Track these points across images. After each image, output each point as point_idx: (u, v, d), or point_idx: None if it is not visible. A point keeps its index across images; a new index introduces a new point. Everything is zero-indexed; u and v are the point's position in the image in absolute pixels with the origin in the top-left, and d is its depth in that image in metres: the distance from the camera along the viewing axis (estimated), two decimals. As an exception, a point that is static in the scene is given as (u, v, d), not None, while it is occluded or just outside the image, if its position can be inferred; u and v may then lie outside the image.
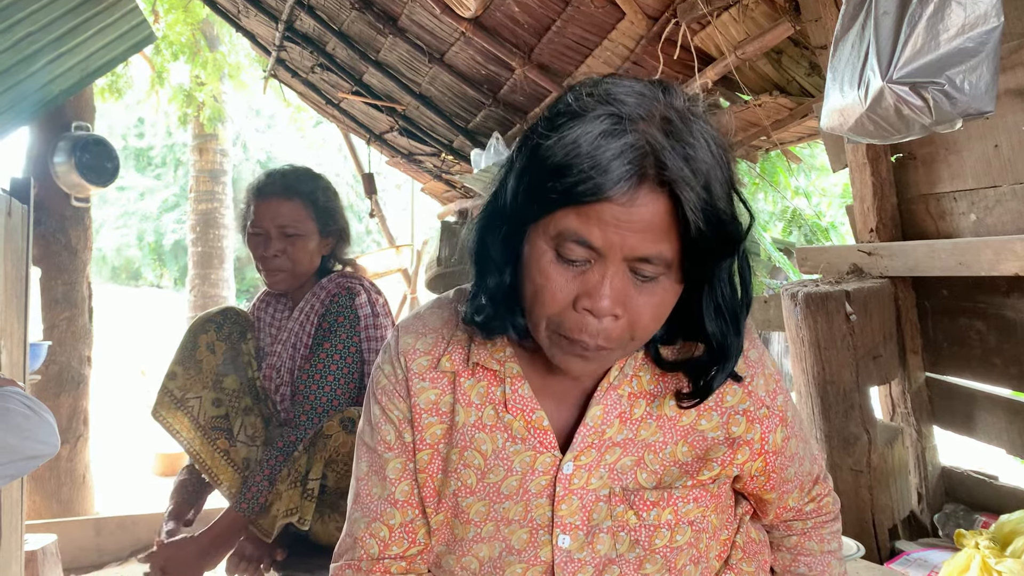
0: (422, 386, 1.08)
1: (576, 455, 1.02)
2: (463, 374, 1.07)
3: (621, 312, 0.90)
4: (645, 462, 1.03)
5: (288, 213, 2.14)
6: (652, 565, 1.03)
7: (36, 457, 1.65)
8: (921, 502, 2.53)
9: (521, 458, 1.04)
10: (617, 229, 0.86)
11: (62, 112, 4.90)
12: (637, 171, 0.85)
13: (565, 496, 1.02)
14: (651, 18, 3.30)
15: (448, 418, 1.07)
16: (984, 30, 1.70)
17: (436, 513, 1.08)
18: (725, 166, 0.90)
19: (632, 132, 0.86)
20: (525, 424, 1.04)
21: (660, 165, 0.85)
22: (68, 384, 5.03)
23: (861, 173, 2.57)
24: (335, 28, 5.13)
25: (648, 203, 0.85)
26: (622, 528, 1.02)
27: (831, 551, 1.23)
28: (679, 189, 0.85)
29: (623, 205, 0.85)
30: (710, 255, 0.90)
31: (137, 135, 21.29)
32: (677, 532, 1.03)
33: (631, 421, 1.04)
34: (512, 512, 1.03)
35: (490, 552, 1.04)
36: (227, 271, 11.15)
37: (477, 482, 1.05)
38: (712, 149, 0.88)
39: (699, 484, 1.04)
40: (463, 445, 1.05)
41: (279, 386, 2.20)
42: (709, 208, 0.86)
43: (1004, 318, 2.29)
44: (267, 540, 2.01)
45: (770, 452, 1.08)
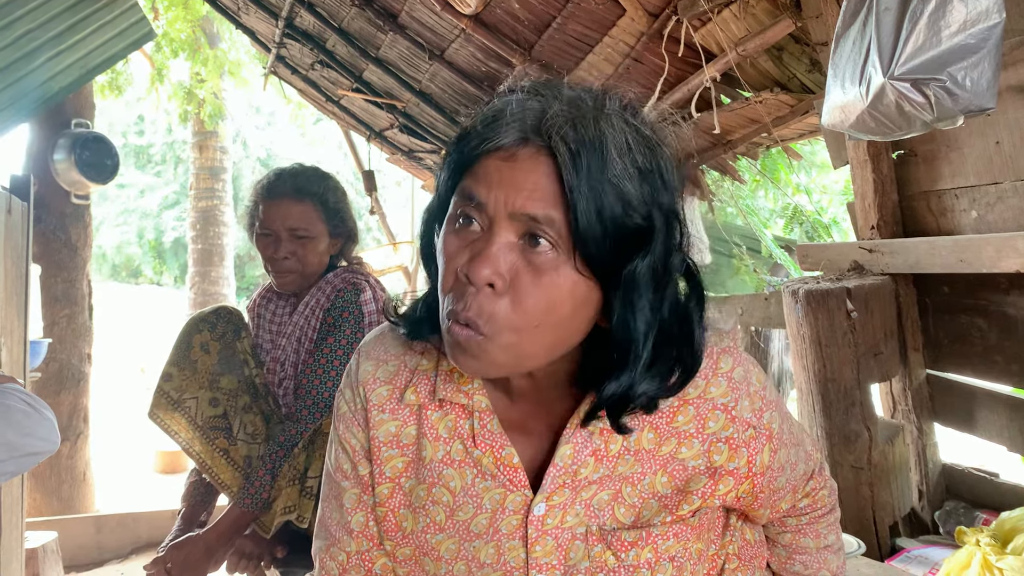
0: (381, 418, 1.03)
1: (548, 496, 0.97)
2: (429, 407, 1.02)
3: (501, 285, 0.84)
4: (623, 495, 0.97)
5: (299, 215, 2.14)
6: None
7: (36, 454, 1.64)
8: (922, 499, 2.53)
9: (491, 495, 0.99)
10: (500, 184, 0.85)
11: (62, 109, 4.91)
12: (521, 128, 0.85)
13: (539, 537, 0.97)
14: (652, 15, 3.29)
15: (411, 451, 1.02)
16: (985, 26, 1.70)
17: (400, 547, 1.03)
18: (642, 156, 0.85)
19: (538, 100, 0.87)
20: (494, 460, 0.99)
21: (548, 129, 0.84)
22: (68, 381, 5.03)
23: (862, 170, 2.56)
24: (335, 25, 5.13)
25: (531, 161, 0.84)
26: (600, 569, 0.96)
27: (828, 546, 1.21)
28: (559, 153, 0.82)
29: (506, 159, 0.85)
30: (605, 243, 0.83)
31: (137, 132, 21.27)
32: (658, 571, 0.97)
33: (607, 458, 0.97)
34: (483, 553, 0.98)
35: None
36: (227, 268, 11.15)
37: (446, 519, 1.00)
38: (628, 136, 0.85)
39: (679, 519, 0.98)
40: (431, 481, 1.01)
41: (282, 380, 2.20)
42: (592, 181, 0.82)
43: (1005, 315, 2.29)
44: (266, 537, 2.01)
45: (758, 474, 1.01)
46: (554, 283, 0.85)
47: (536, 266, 0.85)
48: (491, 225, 0.86)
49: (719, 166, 4.06)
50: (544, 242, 0.84)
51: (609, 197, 0.82)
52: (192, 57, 8.75)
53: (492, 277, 0.84)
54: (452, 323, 0.87)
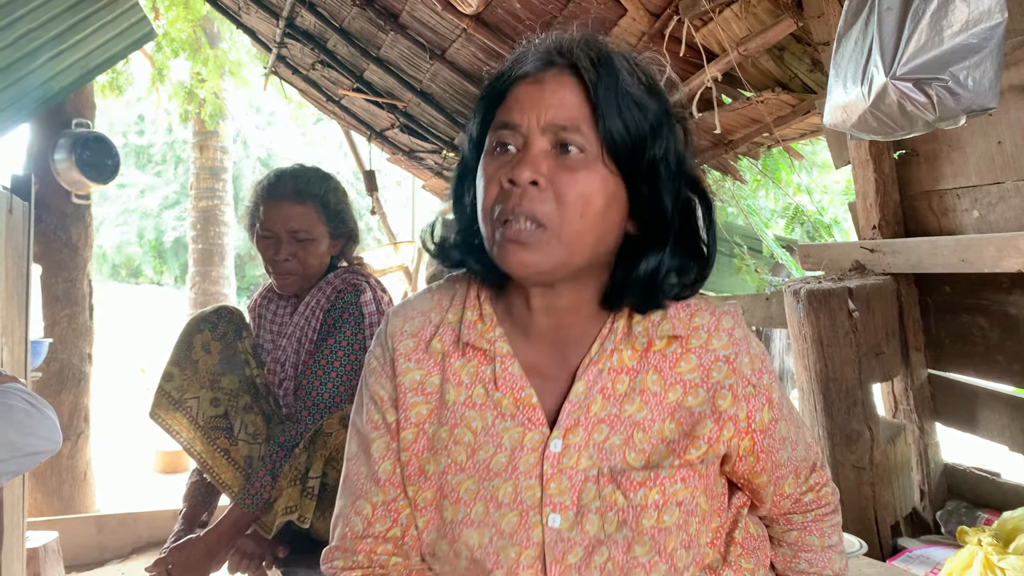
0: (407, 366, 1.11)
1: (564, 432, 1.03)
2: (453, 355, 1.10)
3: (543, 183, 0.97)
4: (634, 440, 1.03)
5: (299, 217, 2.13)
6: (641, 547, 1.02)
7: (38, 453, 1.64)
8: (923, 499, 2.53)
9: (510, 434, 1.05)
10: (531, 103, 0.99)
11: (62, 109, 4.90)
12: (545, 57, 1.02)
13: (554, 475, 1.03)
14: (653, 14, 3.29)
15: (435, 398, 1.09)
16: (988, 26, 1.70)
17: (422, 491, 1.08)
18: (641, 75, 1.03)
19: (553, 39, 1.04)
20: (514, 401, 1.06)
21: (564, 52, 1.02)
22: (69, 381, 5.03)
23: (864, 170, 2.56)
24: (336, 25, 5.12)
25: (556, 80, 1.00)
26: (610, 508, 1.02)
27: (831, 545, 1.22)
28: (580, 66, 0.99)
29: (534, 83, 1.01)
30: (627, 137, 0.98)
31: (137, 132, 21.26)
32: (665, 512, 1.02)
33: (614, 397, 1.05)
34: (501, 492, 1.03)
35: (480, 539, 1.03)
36: (227, 268, 11.15)
37: (467, 459, 1.06)
38: (627, 62, 1.02)
39: (686, 464, 1.04)
40: (453, 423, 1.07)
41: (283, 380, 2.19)
42: (611, 86, 0.98)
43: (1007, 315, 2.29)
44: (267, 537, 2.01)
45: (757, 431, 1.08)
46: (588, 178, 0.97)
47: (570, 167, 0.97)
48: (526, 140, 0.99)
49: (720, 166, 4.06)
50: (574, 148, 0.98)
51: (625, 101, 0.98)
52: (193, 57, 8.75)
53: (535, 175, 0.97)
54: (503, 227, 0.98)
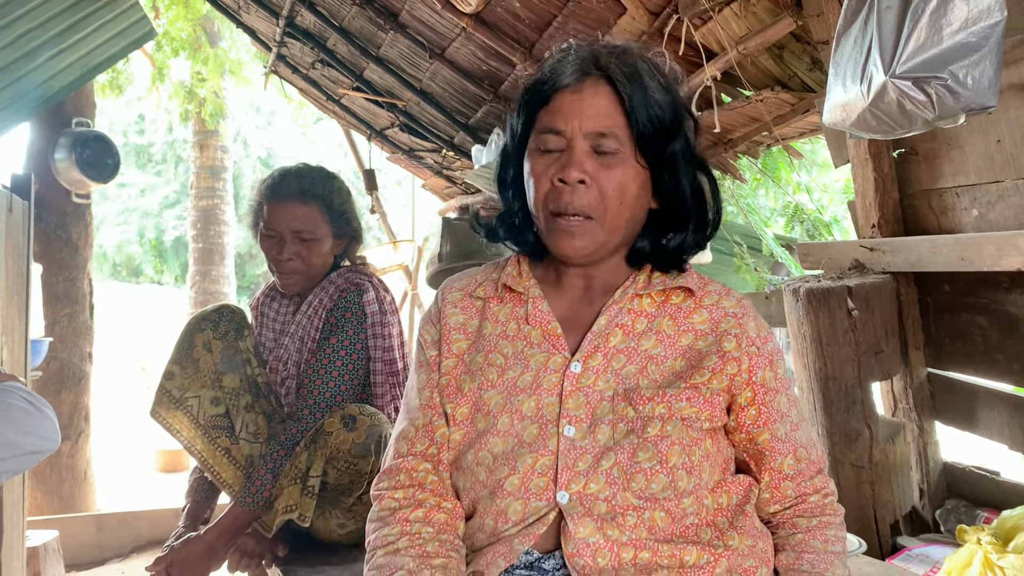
0: (453, 311, 1.31)
1: (584, 357, 1.19)
2: (493, 300, 1.30)
3: (589, 181, 1.16)
4: (648, 371, 1.19)
5: (303, 217, 2.14)
6: (644, 453, 1.13)
7: (37, 452, 1.64)
8: (923, 498, 2.53)
9: (536, 358, 1.22)
10: (573, 112, 1.17)
11: (63, 108, 4.90)
12: (581, 67, 1.19)
13: (572, 392, 1.17)
14: (652, 13, 3.29)
15: (474, 335, 1.28)
16: (987, 25, 1.70)
17: (459, 407, 1.23)
18: (660, 77, 1.21)
19: (587, 50, 1.22)
20: (542, 332, 1.24)
21: (601, 65, 1.19)
22: (69, 380, 5.03)
23: (863, 168, 2.56)
24: (336, 24, 5.12)
25: (593, 90, 1.18)
26: (621, 420, 1.15)
27: (835, 552, 1.23)
28: (615, 79, 1.17)
29: (575, 93, 1.18)
30: (654, 136, 1.17)
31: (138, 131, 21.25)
32: (668, 424, 1.14)
33: (633, 334, 1.22)
34: (525, 406, 1.18)
35: (504, 446, 1.17)
36: (228, 267, 11.15)
37: (498, 377, 1.22)
38: (648, 65, 1.20)
39: (692, 386, 1.17)
40: (488, 350, 1.25)
41: (285, 379, 2.20)
42: (641, 95, 1.16)
43: (1006, 313, 2.29)
44: (267, 535, 2.01)
45: (758, 385, 1.22)
46: (623, 173, 1.18)
47: (608, 165, 1.17)
48: (570, 144, 1.17)
49: (720, 165, 4.06)
50: (611, 149, 1.17)
51: (652, 105, 1.17)
52: (193, 56, 8.75)
53: (581, 175, 1.16)
54: (558, 218, 1.18)
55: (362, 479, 1.97)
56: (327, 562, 2.02)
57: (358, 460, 1.95)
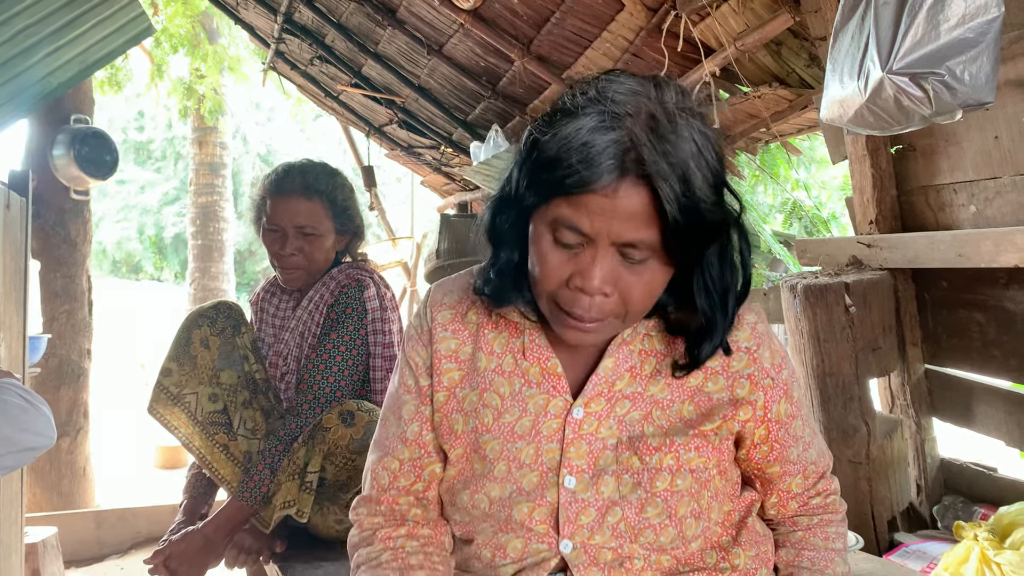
0: (444, 335, 1.18)
1: (587, 401, 1.10)
2: (487, 326, 1.17)
3: (611, 291, 0.99)
4: (653, 417, 1.10)
5: (307, 213, 2.14)
6: (653, 508, 1.08)
7: (32, 449, 1.65)
8: (920, 494, 2.53)
9: (535, 401, 1.12)
10: (603, 217, 0.95)
11: (61, 105, 4.90)
12: (619, 166, 0.93)
13: (574, 440, 1.09)
14: (650, 9, 3.29)
15: (467, 365, 1.17)
16: (984, 20, 1.70)
17: (453, 448, 1.16)
18: (710, 159, 0.97)
19: (618, 129, 0.94)
20: (541, 370, 1.13)
21: (640, 161, 0.93)
22: (68, 377, 5.04)
23: (861, 165, 2.56)
24: (334, 20, 5.12)
25: (630, 195, 0.94)
26: (626, 471, 1.08)
27: (836, 549, 1.23)
28: (656, 183, 0.92)
29: (608, 196, 0.94)
30: (692, 241, 0.97)
31: (137, 128, 21.24)
32: (678, 477, 1.08)
33: (641, 377, 1.12)
34: (523, 454, 1.11)
35: (501, 492, 1.11)
36: (227, 264, 11.14)
37: (493, 421, 1.13)
38: (697, 142, 0.96)
39: (701, 435, 1.10)
40: (483, 387, 1.15)
41: (285, 374, 2.20)
42: (686, 199, 0.93)
43: (1004, 310, 2.29)
44: (265, 531, 2.02)
45: (772, 421, 1.15)
46: (651, 279, 1.01)
47: (635, 270, 0.99)
48: (594, 249, 0.98)
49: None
50: (640, 255, 0.98)
51: (696, 210, 0.94)
52: (191, 53, 8.74)
53: (604, 288, 0.99)
54: (572, 319, 1.02)
55: (360, 475, 1.97)
56: (324, 557, 2.03)
57: (356, 456, 1.95)
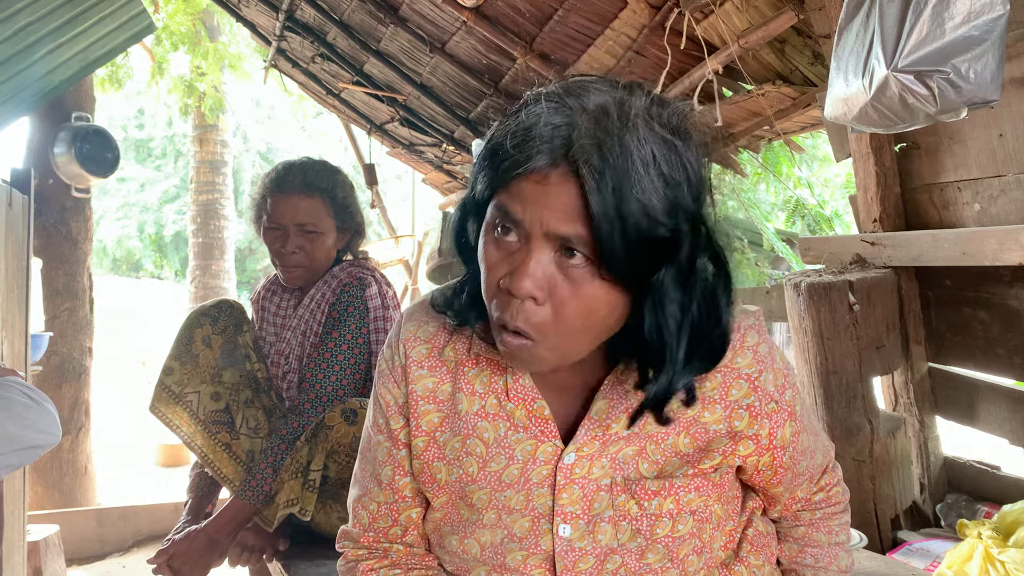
0: (420, 374, 1.09)
1: (579, 446, 1.02)
2: (466, 363, 1.08)
3: (542, 297, 0.89)
4: (647, 452, 1.02)
5: (308, 210, 2.14)
6: (654, 555, 1.03)
7: (37, 447, 1.64)
8: (923, 492, 2.53)
9: (523, 447, 1.04)
10: (535, 205, 0.87)
11: (62, 102, 4.89)
12: (552, 150, 0.86)
13: (566, 485, 1.02)
14: (654, 7, 3.28)
15: (447, 406, 1.08)
16: (990, 18, 1.69)
17: (436, 497, 1.10)
18: (671, 174, 0.87)
19: (563, 116, 0.87)
20: (526, 413, 1.04)
21: (575, 155, 0.85)
22: (69, 375, 5.03)
23: (864, 163, 2.56)
24: (336, 18, 5.11)
25: (561, 185, 0.86)
26: (624, 518, 1.02)
27: (839, 543, 1.22)
28: (583, 173, 0.84)
29: (540, 183, 0.87)
30: (630, 258, 0.86)
31: (137, 126, 21.22)
32: (679, 522, 1.03)
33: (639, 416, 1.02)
34: (513, 501, 1.04)
35: (492, 538, 1.05)
36: (228, 262, 11.15)
37: (479, 470, 1.05)
38: (654, 152, 0.86)
39: (700, 473, 1.04)
40: (465, 433, 1.06)
41: (287, 373, 2.20)
42: (616, 201, 0.83)
43: (1008, 308, 2.29)
44: (268, 530, 2.02)
45: (778, 448, 1.07)
46: (590, 293, 0.89)
47: (572, 278, 0.88)
48: (528, 241, 0.89)
49: (721, 159, 4.05)
50: (578, 255, 0.88)
51: (635, 215, 0.84)
52: (192, 50, 8.73)
53: (533, 291, 0.88)
54: (503, 333, 0.93)
55: (363, 472, 1.97)
56: (327, 556, 2.02)
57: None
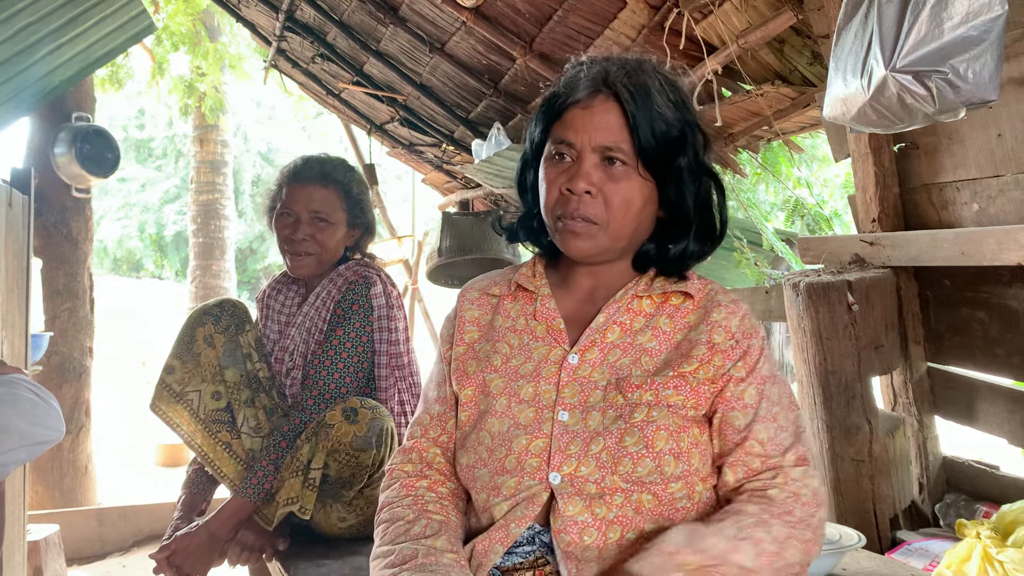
0: (469, 307, 1.41)
1: (581, 350, 1.27)
2: (507, 297, 1.39)
3: (595, 191, 1.23)
4: (641, 362, 1.25)
5: (322, 199, 2.19)
6: (631, 438, 1.19)
7: (44, 443, 1.66)
8: (922, 492, 2.53)
9: (539, 350, 1.30)
10: (583, 126, 1.24)
11: (62, 103, 4.90)
12: (592, 86, 1.25)
13: (568, 382, 1.25)
14: (653, 7, 3.29)
15: (486, 328, 1.38)
16: (988, 18, 1.69)
17: (464, 388, 1.33)
18: (672, 94, 1.26)
19: (599, 66, 1.28)
20: (547, 327, 1.32)
21: (610, 83, 1.24)
22: (70, 375, 5.04)
23: (863, 163, 2.56)
24: (336, 18, 5.12)
25: (602, 107, 1.24)
26: (611, 407, 1.22)
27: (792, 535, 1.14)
28: (622, 97, 1.22)
29: (585, 108, 1.25)
30: (659, 151, 1.22)
31: (138, 126, 21.23)
32: (654, 410, 1.20)
33: (630, 331, 1.28)
34: (524, 391, 1.27)
35: (500, 427, 1.26)
36: (228, 262, 11.15)
37: (502, 364, 1.31)
38: (660, 81, 1.26)
39: (679, 375, 1.22)
40: (496, 339, 1.34)
41: (290, 370, 2.20)
42: (645, 109, 1.22)
43: (1006, 308, 2.29)
44: (268, 528, 2.02)
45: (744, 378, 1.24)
46: (628, 186, 1.24)
47: (614, 177, 1.23)
48: (580, 156, 1.24)
49: (720, 159, 4.06)
50: (617, 162, 1.23)
51: (658, 121, 1.23)
52: (193, 51, 8.73)
53: (588, 186, 1.23)
54: (566, 221, 1.25)
55: (363, 472, 1.97)
56: (327, 556, 2.03)
57: (359, 453, 1.95)
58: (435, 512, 1.26)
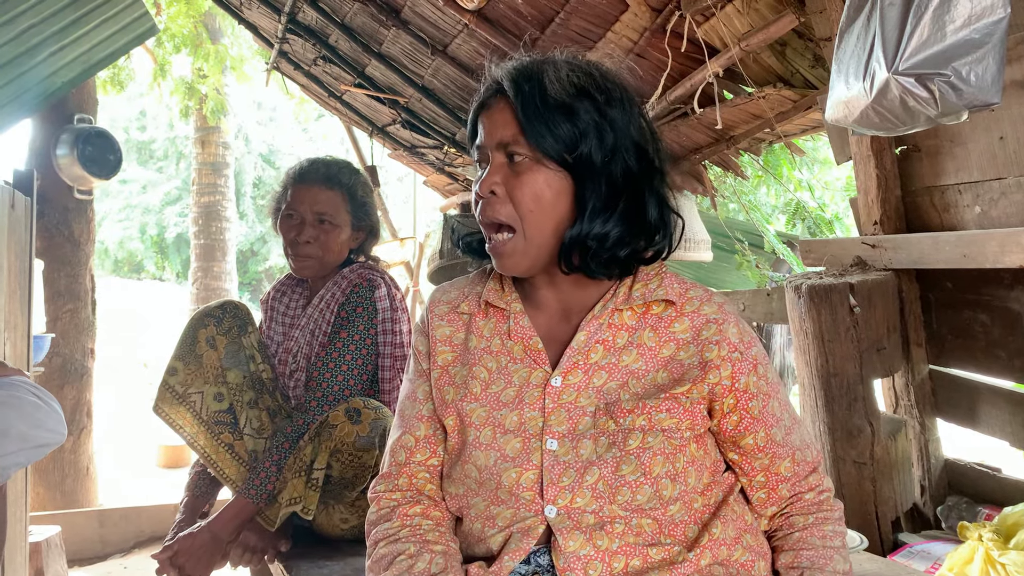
0: (439, 324, 1.34)
1: (564, 372, 1.21)
2: (478, 315, 1.32)
3: (500, 190, 1.19)
4: (629, 385, 1.19)
5: (326, 201, 2.19)
6: (627, 466, 1.15)
7: (46, 445, 1.66)
8: (924, 494, 2.53)
9: (519, 373, 1.24)
10: (487, 128, 1.23)
11: (64, 104, 4.91)
12: (489, 89, 1.25)
13: (555, 408, 1.20)
14: (655, 10, 3.29)
15: (459, 348, 1.31)
16: (990, 21, 1.70)
17: (447, 417, 1.27)
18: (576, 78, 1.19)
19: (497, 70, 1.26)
20: (524, 348, 1.26)
21: (502, 79, 1.22)
22: (71, 376, 5.04)
23: (865, 165, 2.56)
24: (338, 20, 5.12)
25: (498, 105, 1.22)
26: (603, 434, 1.17)
27: (834, 547, 1.24)
28: (509, 92, 1.20)
29: (487, 111, 1.24)
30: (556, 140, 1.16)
31: (139, 128, 21.26)
32: (649, 435, 1.16)
33: (614, 349, 1.22)
34: (508, 420, 1.21)
35: (486, 460, 1.21)
36: (229, 264, 11.15)
37: (481, 391, 1.25)
38: (563, 71, 1.20)
39: (672, 397, 1.18)
40: (472, 363, 1.28)
41: (294, 372, 2.20)
42: (532, 100, 1.17)
43: (1008, 310, 2.29)
44: (271, 529, 2.02)
45: (740, 391, 1.21)
46: (532, 179, 1.18)
47: (518, 172, 1.19)
48: (489, 157, 1.22)
49: (721, 162, 4.06)
50: (517, 155, 1.19)
51: (550, 110, 1.17)
52: (194, 52, 8.74)
53: (492, 187, 1.20)
54: (489, 241, 1.23)
55: (366, 473, 1.98)
56: (329, 557, 2.03)
57: (362, 453, 1.95)
58: (435, 542, 1.22)
